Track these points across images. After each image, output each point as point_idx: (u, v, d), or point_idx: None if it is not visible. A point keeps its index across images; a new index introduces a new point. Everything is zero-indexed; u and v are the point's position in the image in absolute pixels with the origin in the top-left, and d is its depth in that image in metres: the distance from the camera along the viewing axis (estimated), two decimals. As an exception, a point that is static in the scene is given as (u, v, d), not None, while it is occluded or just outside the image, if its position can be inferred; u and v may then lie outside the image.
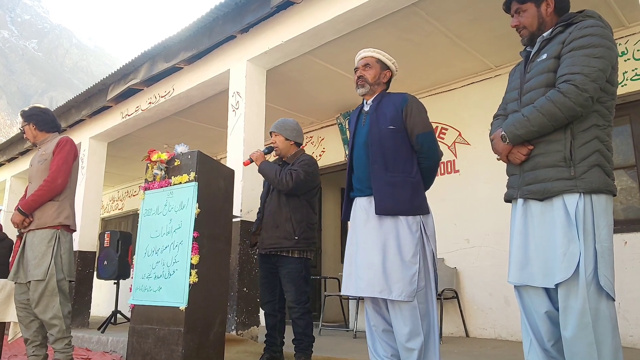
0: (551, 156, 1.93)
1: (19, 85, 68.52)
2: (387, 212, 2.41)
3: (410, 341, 2.32)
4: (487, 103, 5.25)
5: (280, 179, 3.29)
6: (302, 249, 3.33)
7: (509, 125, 2.00)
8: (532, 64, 2.07)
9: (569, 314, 1.82)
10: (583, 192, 1.85)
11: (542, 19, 2.08)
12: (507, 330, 4.78)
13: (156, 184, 3.13)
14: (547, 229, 1.93)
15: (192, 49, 5.23)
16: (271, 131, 3.56)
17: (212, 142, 7.71)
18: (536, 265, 1.94)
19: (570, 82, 1.85)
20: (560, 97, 1.85)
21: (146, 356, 2.84)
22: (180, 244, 2.89)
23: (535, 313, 1.98)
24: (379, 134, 2.51)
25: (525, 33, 2.13)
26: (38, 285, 3.16)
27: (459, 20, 4.48)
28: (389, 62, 2.68)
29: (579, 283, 1.80)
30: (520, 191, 2.03)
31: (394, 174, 2.46)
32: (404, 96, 2.59)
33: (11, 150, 9.22)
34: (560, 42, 1.96)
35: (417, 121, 2.51)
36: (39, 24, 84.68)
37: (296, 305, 3.27)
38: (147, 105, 6.23)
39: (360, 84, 2.65)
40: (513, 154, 2.04)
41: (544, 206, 1.95)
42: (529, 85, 2.04)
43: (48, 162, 3.37)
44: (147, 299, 2.96)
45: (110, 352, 4.61)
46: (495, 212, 4.88)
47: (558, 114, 1.86)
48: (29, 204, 3.28)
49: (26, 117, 3.56)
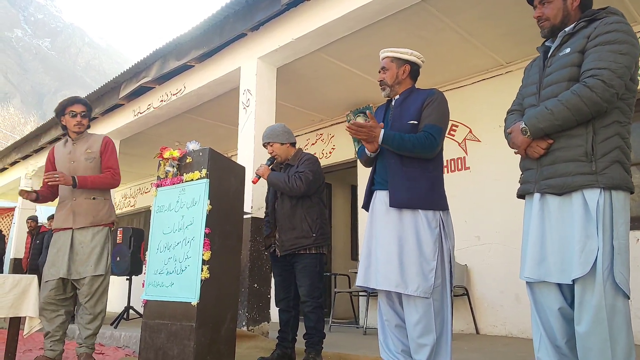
0: (572, 150, 1.91)
1: (32, 84, 69.24)
2: (401, 204, 2.40)
3: (423, 337, 2.33)
4: (498, 100, 5.23)
5: (292, 186, 3.32)
6: (319, 245, 3.38)
7: (531, 118, 1.97)
8: (553, 59, 2.04)
9: (584, 309, 1.81)
10: (603, 187, 1.84)
11: (567, 11, 2.05)
12: (517, 327, 4.77)
13: (168, 181, 3.16)
14: (565, 224, 1.91)
15: (203, 47, 5.27)
16: (265, 143, 3.56)
17: (223, 140, 7.76)
18: (553, 261, 1.92)
19: (597, 77, 1.83)
20: (587, 91, 1.83)
21: (158, 351, 2.87)
22: (192, 240, 2.92)
23: (548, 309, 1.97)
24: (399, 129, 2.50)
25: (547, 25, 2.09)
26: (97, 280, 3.36)
27: (469, 16, 4.46)
28: (405, 55, 2.62)
29: (595, 279, 1.79)
30: (538, 185, 2.00)
31: (411, 168, 2.45)
32: (431, 91, 2.57)
33: (25, 148, 9.35)
34: (585, 36, 1.94)
35: (433, 113, 2.48)
36: (52, 23, 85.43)
37: (309, 299, 3.30)
38: (159, 103, 6.28)
39: (382, 88, 2.66)
40: (532, 147, 2.01)
41: (562, 201, 1.93)
42: (550, 79, 2.01)
43: (97, 160, 3.50)
44: (159, 294, 2.99)
45: (123, 347, 4.67)
46: (505, 209, 4.86)
47: (584, 109, 1.84)
48: (87, 180, 3.39)
49: (89, 110, 3.59)
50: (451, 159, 5.60)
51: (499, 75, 5.37)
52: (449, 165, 5.59)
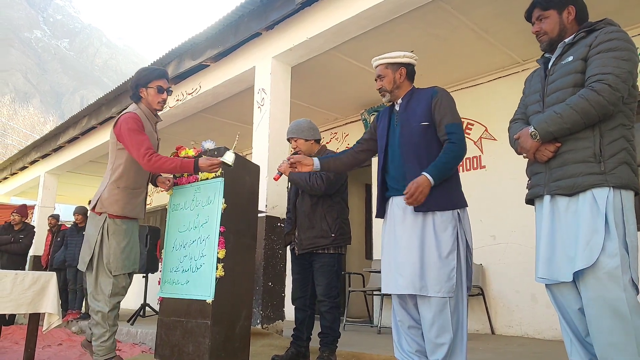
0: (581, 152, 1.97)
1: (51, 84, 70.36)
2: (425, 208, 2.39)
3: (440, 337, 2.32)
4: (514, 98, 5.13)
5: (312, 184, 3.31)
6: (338, 245, 3.36)
7: (540, 122, 2.03)
8: (556, 67, 2.14)
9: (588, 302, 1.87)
10: (613, 186, 1.89)
11: (563, 25, 2.16)
12: (533, 328, 4.72)
13: (184, 179, 3.20)
14: (573, 222, 1.96)
15: (218, 46, 5.30)
16: (289, 137, 3.55)
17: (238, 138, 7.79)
18: (562, 260, 1.97)
19: (603, 81, 1.90)
20: (595, 95, 1.89)
21: (174, 348, 2.91)
22: (207, 238, 2.95)
23: (570, 310, 2.00)
24: (410, 132, 2.50)
25: (545, 39, 2.21)
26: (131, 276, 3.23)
27: (485, 13, 4.42)
28: (399, 58, 2.62)
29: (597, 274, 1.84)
30: (548, 187, 2.06)
31: None
32: (433, 89, 2.57)
33: (45, 147, 9.50)
34: (587, 45, 2.02)
35: (446, 112, 2.48)
36: (70, 23, 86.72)
37: (326, 298, 3.30)
38: (175, 102, 6.34)
39: (382, 95, 2.67)
40: (540, 151, 2.07)
41: (571, 201, 1.98)
42: (554, 86, 2.10)
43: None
44: (175, 292, 3.03)
45: (139, 343, 4.73)
46: (522, 209, 4.77)
47: (591, 112, 1.91)
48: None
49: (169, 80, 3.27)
50: (466, 157, 5.55)
51: (515, 73, 5.31)
52: (464, 163, 5.55)
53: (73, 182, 10.74)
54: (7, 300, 3.49)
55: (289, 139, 3.56)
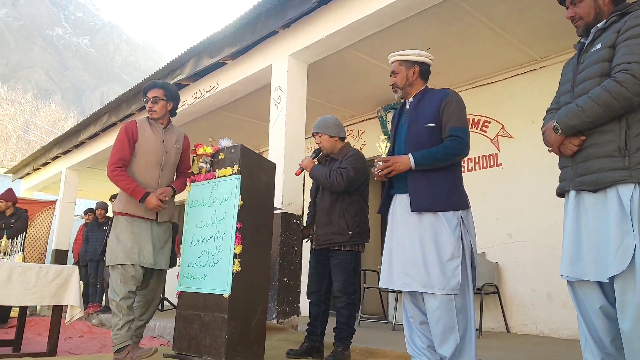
0: (605, 146, 1.88)
1: (72, 80, 71.42)
2: (421, 209, 2.43)
3: (446, 333, 2.35)
4: (531, 95, 5.14)
5: (332, 181, 3.33)
6: (355, 242, 3.37)
7: (562, 116, 1.97)
8: (586, 55, 2.03)
9: (626, 307, 1.78)
10: (638, 182, 1.80)
11: (598, 8, 2.04)
12: (549, 326, 4.69)
13: (202, 176, 3.26)
14: (600, 221, 1.89)
15: (235, 44, 5.36)
16: (314, 132, 3.56)
17: (255, 136, 7.86)
18: (588, 259, 1.90)
19: (627, 71, 1.81)
20: (617, 86, 1.81)
21: (192, 341, 2.97)
22: (224, 234, 3.01)
23: (590, 309, 1.94)
24: (416, 132, 2.53)
25: (581, 24, 2.09)
26: (164, 273, 3.43)
27: (502, 11, 4.40)
28: (413, 57, 2.63)
29: (635, 276, 1.75)
30: (573, 183, 2.00)
31: (432, 171, 2.47)
32: (445, 91, 2.58)
33: (66, 144, 9.68)
34: (616, 31, 1.91)
35: (453, 115, 2.49)
36: (91, 21, 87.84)
37: (342, 295, 3.33)
38: (193, 100, 6.42)
39: (394, 91, 2.70)
40: (565, 145, 2.00)
41: (596, 198, 1.91)
42: (583, 76, 2.00)
43: (179, 155, 3.42)
44: (193, 286, 3.09)
45: (157, 337, 4.82)
46: (538, 207, 4.78)
47: (614, 104, 1.82)
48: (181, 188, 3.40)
49: (170, 96, 3.36)
50: (482, 155, 5.54)
51: (533, 71, 5.27)
52: (480, 161, 5.53)
53: (94, 178, 10.93)
54: (32, 292, 3.61)
55: (313, 134, 3.59)
